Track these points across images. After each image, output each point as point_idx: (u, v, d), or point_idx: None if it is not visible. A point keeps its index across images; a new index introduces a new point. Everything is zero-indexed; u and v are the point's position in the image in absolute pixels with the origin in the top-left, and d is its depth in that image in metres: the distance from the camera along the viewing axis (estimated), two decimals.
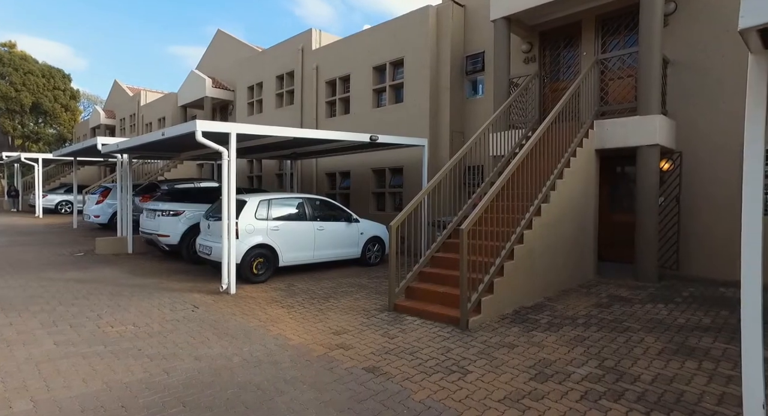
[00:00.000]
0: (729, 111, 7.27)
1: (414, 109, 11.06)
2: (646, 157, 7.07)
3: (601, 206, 8.82)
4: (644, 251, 7.10)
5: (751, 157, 2.53)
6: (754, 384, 2.60)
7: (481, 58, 10.65)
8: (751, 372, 2.64)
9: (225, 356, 4.04)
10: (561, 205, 6.54)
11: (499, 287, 5.33)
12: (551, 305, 5.84)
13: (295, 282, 7.43)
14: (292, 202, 8.16)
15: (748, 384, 2.61)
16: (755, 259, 2.56)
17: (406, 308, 5.53)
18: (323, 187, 13.68)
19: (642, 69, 7.12)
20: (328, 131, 8.37)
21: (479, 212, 5.06)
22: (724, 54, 7.37)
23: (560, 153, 6.75)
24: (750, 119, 2.53)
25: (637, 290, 6.61)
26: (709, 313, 5.46)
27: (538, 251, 6.04)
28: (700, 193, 7.55)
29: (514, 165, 5.65)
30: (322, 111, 13.62)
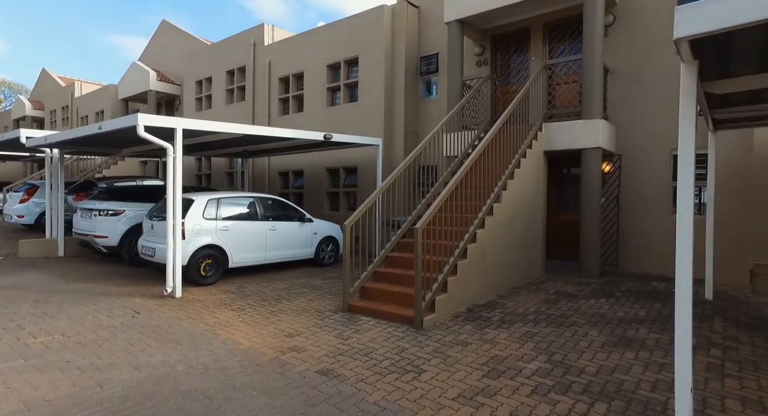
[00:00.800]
0: (661, 117, 7.78)
1: (368, 108, 11.02)
2: (589, 159, 7.42)
3: (549, 207, 9.17)
4: (588, 249, 7.44)
5: (684, 157, 2.68)
6: (684, 371, 2.77)
7: (435, 59, 10.78)
8: (681, 361, 2.81)
9: (168, 363, 3.80)
10: (512, 204, 6.72)
11: (453, 286, 5.39)
12: (503, 302, 5.98)
13: (246, 284, 7.16)
14: (243, 201, 7.87)
15: (680, 371, 2.78)
16: (687, 256, 2.72)
17: (360, 309, 5.46)
18: (276, 186, 13.35)
19: (585, 76, 7.47)
20: (281, 129, 8.14)
21: (433, 211, 5.08)
22: (655, 65, 7.88)
23: (511, 154, 6.94)
24: (683, 123, 2.68)
25: (582, 287, 6.92)
26: (645, 306, 5.80)
27: (491, 250, 6.17)
28: (637, 194, 8.03)
29: (467, 165, 5.73)
30: (275, 108, 13.28)
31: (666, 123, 7.74)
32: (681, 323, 2.82)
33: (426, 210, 5.28)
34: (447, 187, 5.36)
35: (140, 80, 16.54)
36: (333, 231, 9.03)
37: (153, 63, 17.57)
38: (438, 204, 5.16)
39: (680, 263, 2.82)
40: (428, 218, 5.01)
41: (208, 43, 15.91)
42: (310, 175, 12.47)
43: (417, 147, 6.99)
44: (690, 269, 2.75)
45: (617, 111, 8.24)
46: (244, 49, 13.92)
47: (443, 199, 5.24)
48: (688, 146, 2.65)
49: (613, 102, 8.28)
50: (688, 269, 2.81)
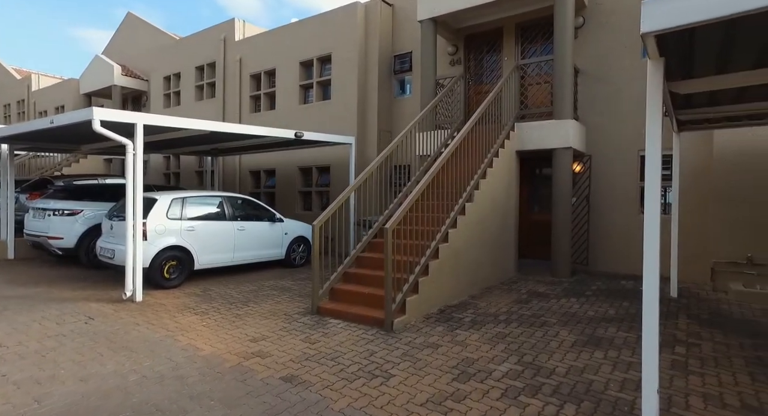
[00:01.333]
0: (629, 118, 7.93)
1: (341, 106, 10.86)
2: (560, 159, 7.48)
3: (521, 206, 9.23)
4: (559, 249, 7.50)
5: (651, 155, 2.66)
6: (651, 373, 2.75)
7: (409, 58, 10.71)
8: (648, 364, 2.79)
9: (120, 374, 3.56)
10: (485, 204, 6.69)
11: (424, 286, 5.30)
12: (475, 303, 5.94)
13: (213, 286, 6.90)
14: (210, 200, 7.60)
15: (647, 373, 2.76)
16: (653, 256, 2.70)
17: (329, 311, 5.31)
18: (247, 185, 13.02)
19: (556, 76, 7.53)
20: (250, 126, 7.90)
21: (404, 210, 4.99)
22: (623, 67, 8.03)
23: (484, 154, 6.92)
24: (650, 121, 2.66)
25: (553, 286, 6.96)
26: (614, 305, 5.86)
27: (463, 250, 6.12)
28: (606, 194, 8.15)
29: (438, 164, 5.66)
30: (246, 106, 12.95)
31: (634, 125, 7.88)
32: (648, 332, 2.80)
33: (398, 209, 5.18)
34: (418, 186, 5.27)
35: (104, 74, 15.86)
36: (305, 231, 8.84)
37: (118, 57, 16.89)
38: (409, 203, 5.07)
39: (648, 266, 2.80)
40: (399, 217, 4.90)
41: (176, 38, 15.39)
42: (283, 174, 12.21)
43: (389, 146, 6.88)
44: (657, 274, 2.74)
45: (587, 112, 8.35)
46: (214, 45, 13.53)
47: (414, 198, 5.15)
48: (655, 144, 2.63)
49: (583, 103, 8.39)
50: (655, 276, 2.80)
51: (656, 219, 2.61)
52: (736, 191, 6.50)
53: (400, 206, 5.74)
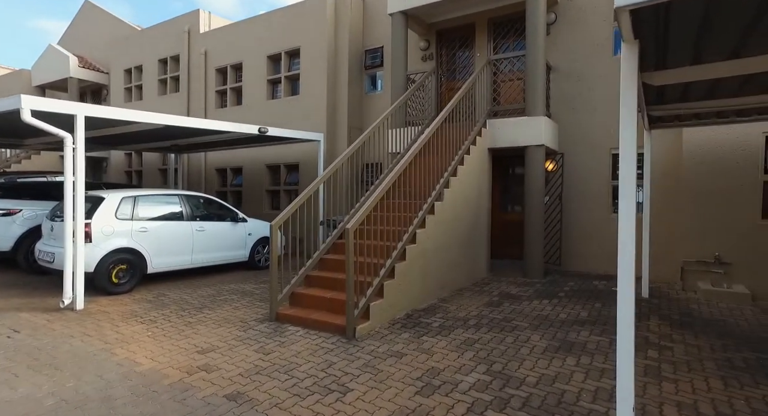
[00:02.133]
0: (601, 116, 7.84)
1: (310, 102, 10.47)
2: (533, 157, 7.32)
3: (493, 205, 9.06)
4: (531, 249, 7.34)
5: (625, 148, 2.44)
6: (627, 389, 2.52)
7: (380, 52, 10.42)
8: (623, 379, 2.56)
9: (33, 399, 3.11)
10: (455, 203, 6.46)
11: (390, 290, 5.01)
12: (445, 306, 5.68)
13: (168, 291, 6.44)
14: (166, 199, 7.11)
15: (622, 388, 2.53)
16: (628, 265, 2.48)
17: (289, 318, 4.96)
18: (213, 184, 12.47)
19: (529, 72, 7.36)
20: (208, 120, 7.45)
21: (367, 209, 4.68)
22: (595, 64, 7.93)
23: (455, 151, 6.68)
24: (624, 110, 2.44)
25: (526, 287, 6.78)
26: (586, 306, 5.71)
27: (432, 251, 5.86)
28: (579, 193, 8.04)
29: (405, 161, 5.38)
30: (211, 101, 12.40)
31: (605, 123, 7.80)
32: (623, 356, 2.57)
33: None
34: (383, 184, 4.97)
35: (58, 66, 14.95)
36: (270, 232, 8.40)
37: (75, 48, 15.98)
38: (373, 202, 4.76)
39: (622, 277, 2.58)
40: (361, 217, 4.59)
41: (137, 29, 14.65)
42: (250, 172, 11.73)
43: (356, 141, 6.57)
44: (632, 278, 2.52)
45: (559, 109, 8.23)
46: (177, 37, 12.90)
47: (378, 197, 4.84)
48: (630, 136, 2.42)
49: (555, 100, 8.26)
50: (630, 269, 2.58)
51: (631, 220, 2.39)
52: (704, 190, 6.45)
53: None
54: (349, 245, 4.40)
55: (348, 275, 4.41)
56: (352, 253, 4.40)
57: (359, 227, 4.60)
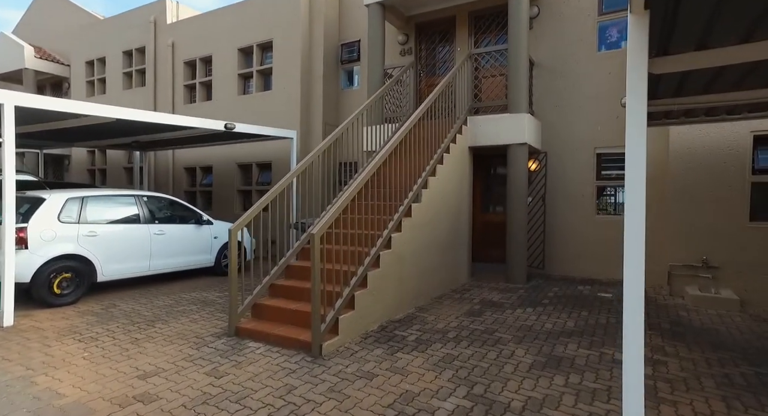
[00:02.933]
0: (585, 114, 7.56)
1: (283, 98, 9.94)
2: (515, 155, 6.97)
3: (475, 206, 8.71)
4: (514, 252, 6.99)
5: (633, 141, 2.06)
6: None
7: (356, 47, 9.96)
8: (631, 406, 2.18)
9: None
10: (434, 204, 6.05)
11: (362, 301, 4.56)
12: (422, 316, 5.27)
13: (120, 301, 5.85)
14: (120, 200, 6.51)
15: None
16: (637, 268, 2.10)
17: (250, 332, 4.46)
18: (182, 183, 11.80)
19: (511, 67, 7.01)
20: (169, 115, 6.88)
21: (336, 212, 4.22)
22: (578, 60, 7.65)
23: (434, 149, 6.28)
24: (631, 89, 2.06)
25: (508, 293, 6.42)
26: (572, 315, 5.37)
27: (409, 257, 5.44)
28: (562, 193, 7.74)
29: (379, 160, 4.94)
30: (179, 96, 11.73)
31: (590, 121, 7.52)
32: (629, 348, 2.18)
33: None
34: (353, 185, 4.52)
35: (12, 56, 13.96)
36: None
37: (32, 37, 15.00)
38: (342, 204, 4.31)
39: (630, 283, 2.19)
40: (329, 220, 4.13)
41: (100, 18, 13.83)
42: (220, 171, 11.12)
43: (327, 137, 6.10)
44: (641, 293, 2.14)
45: (543, 107, 7.92)
46: (143, 27, 12.18)
47: (348, 198, 4.39)
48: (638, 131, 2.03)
49: (538, 97, 7.95)
50: (640, 276, 2.21)
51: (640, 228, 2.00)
52: (691, 192, 6.20)
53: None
54: (314, 252, 3.93)
55: (314, 286, 3.95)
56: (318, 261, 3.94)
57: (327, 231, 4.15)
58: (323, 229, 4.05)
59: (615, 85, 7.33)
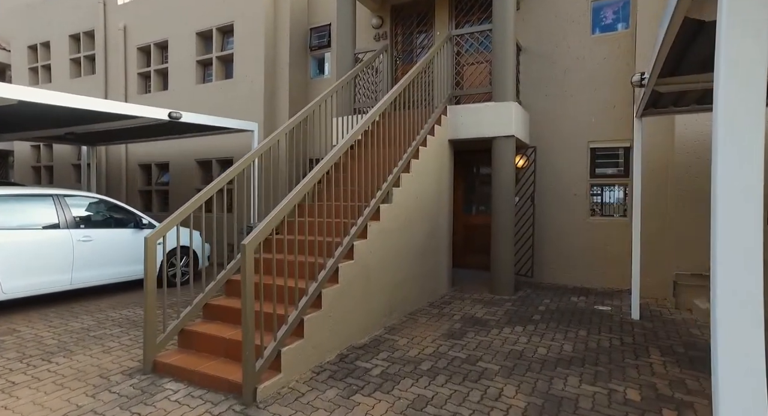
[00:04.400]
0: (577, 104, 6.80)
1: (246, 87, 8.97)
2: (502, 150, 6.15)
3: (456, 207, 7.89)
4: (500, 259, 6.17)
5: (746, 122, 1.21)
6: None
7: (327, 31, 9.04)
8: None
9: None
10: (408, 205, 5.19)
11: (315, 326, 3.66)
12: (392, 339, 4.39)
13: (25, 325, 4.81)
14: (32, 201, 5.46)
15: None
16: None
17: (170, 369, 3.51)
18: (136, 182, 10.69)
19: (496, 52, 6.18)
20: (94, 99, 5.88)
21: (277, 216, 3.30)
22: (570, 45, 6.88)
23: (408, 141, 5.42)
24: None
25: (494, 307, 5.59)
26: (568, 335, 4.56)
27: (377, 267, 4.55)
28: (552, 193, 6.97)
29: (336, 152, 4.04)
30: (133, 85, 10.62)
31: (583, 111, 6.76)
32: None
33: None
34: (302, 182, 3.61)
35: None
36: (189, 239, 6.86)
37: None
38: (285, 207, 3.39)
39: None
40: (267, 226, 3.21)
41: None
42: (178, 168, 10.06)
43: (284, 125, 5.20)
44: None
45: (531, 97, 7.13)
46: (90, 9, 11.01)
47: (293, 200, 3.48)
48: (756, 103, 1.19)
49: (526, 86, 7.16)
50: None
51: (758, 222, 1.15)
52: (699, 189, 5.47)
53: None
54: (246, 268, 3.01)
55: (244, 312, 3.03)
56: (250, 279, 3.02)
57: (275, 237, 3.23)
58: (260, 237, 3.13)
59: (611, 72, 6.58)
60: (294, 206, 3.52)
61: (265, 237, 3.21)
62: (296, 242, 3.56)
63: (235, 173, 4.40)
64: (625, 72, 6.46)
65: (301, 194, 3.55)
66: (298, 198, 3.50)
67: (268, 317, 3.42)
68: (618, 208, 6.72)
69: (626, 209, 6.59)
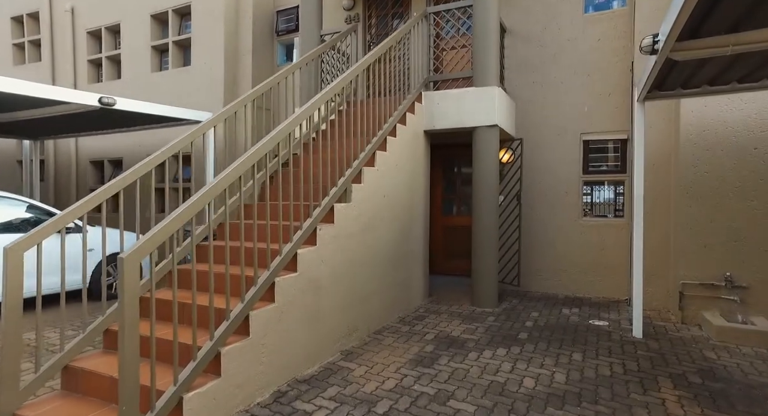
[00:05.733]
0: (569, 91, 6.08)
1: (205, 75, 8.11)
2: (483, 142, 5.39)
3: (435, 206, 7.13)
4: (482, 266, 5.39)
5: None
6: None
7: (296, 14, 8.22)
8: None
9: None
10: (372, 205, 4.39)
11: (238, 358, 2.83)
12: (347, 368, 3.58)
13: None
14: None
15: None
16: None
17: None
18: (87, 180, 9.73)
19: (477, 29, 5.42)
20: (13, 80, 5.00)
21: (173, 220, 2.48)
22: (561, 25, 6.17)
23: (373, 131, 4.63)
24: None
25: (474, 323, 4.82)
26: (560, 360, 3.80)
27: (330, 280, 3.74)
28: (541, 190, 6.24)
29: (267, 140, 3.24)
30: (83, 73, 9.65)
31: (575, 100, 6.04)
32: None
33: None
34: (217, 178, 2.78)
35: None
36: (128, 245, 5.97)
37: None
38: (187, 210, 2.57)
39: None
40: (156, 236, 2.38)
41: None
42: (132, 165, 9.10)
43: (225, 108, 4.38)
44: None
45: (517, 84, 6.39)
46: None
47: (198, 202, 2.66)
48: None
49: (511, 71, 6.42)
50: None
51: None
52: (708, 186, 4.76)
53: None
54: (125, 291, 2.17)
55: (122, 351, 2.19)
56: (130, 308, 2.18)
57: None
58: (145, 250, 2.30)
59: (606, 55, 5.87)
60: (204, 205, 2.69)
61: (155, 248, 2.37)
62: (228, 250, 2.75)
63: (153, 164, 3.55)
64: (622, 55, 5.76)
65: (220, 184, 2.73)
66: (200, 204, 2.67)
67: (166, 350, 2.58)
68: (613, 207, 6.01)
69: (623, 208, 5.89)
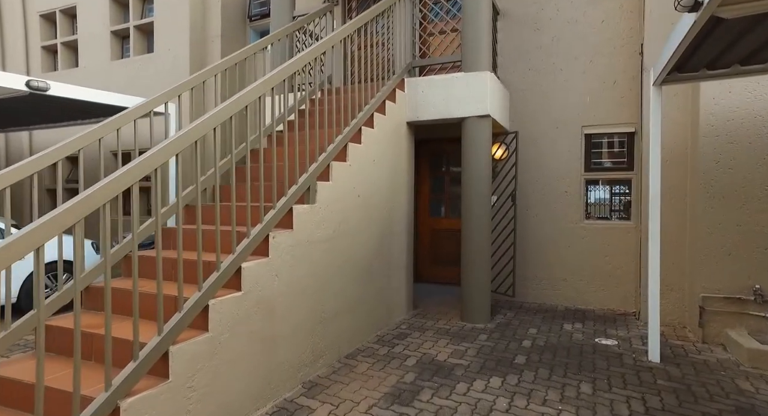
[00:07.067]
0: (569, 79, 5.45)
1: (168, 63, 7.36)
2: (474, 134, 4.72)
3: (422, 207, 6.47)
4: (473, 275, 4.73)
5: None
6: None
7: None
8: None
9: None
10: (343, 206, 3.70)
11: (150, 411, 2.11)
12: (307, 406, 2.88)
13: None
14: None
15: None
16: None
17: None
18: (42, 179, 8.89)
19: (467, 9, 4.76)
20: None
21: (32, 229, 1.77)
22: (560, 6, 5.54)
23: (346, 121, 3.94)
24: None
25: (464, 342, 4.15)
26: (567, 393, 3.15)
27: (287, 298, 3.04)
28: (538, 189, 5.60)
29: (181, 137, 2.55)
30: (36, 60, 8.82)
31: (576, 90, 5.42)
32: None
33: None
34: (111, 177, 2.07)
35: None
36: (70, 252, 5.19)
37: None
38: (68, 211, 1.87)
39: None
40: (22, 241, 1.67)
41: None
42: (91, 162, 8.27)
43: (176, 84, 3.65)
44: None
45: (512, 72, 5.75)
46: None
47: (86, 206, 1.96)
48: None
49: (506, 57, 5.78)
50: None
51: None
52: (733, 185, 4.15)
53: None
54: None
55: None
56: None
57: None
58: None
59: (611, 39, 5.25)
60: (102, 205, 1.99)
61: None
62: (160, 263, 2.02)
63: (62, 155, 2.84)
64: (629, 38, 5.14)
65: (113, 187, 2.02)
66: (117, 192, 1.97)
67: (50, 400, 1.86)
68: (619, 209, 5.39)
69: (629, 209, 5.28)
